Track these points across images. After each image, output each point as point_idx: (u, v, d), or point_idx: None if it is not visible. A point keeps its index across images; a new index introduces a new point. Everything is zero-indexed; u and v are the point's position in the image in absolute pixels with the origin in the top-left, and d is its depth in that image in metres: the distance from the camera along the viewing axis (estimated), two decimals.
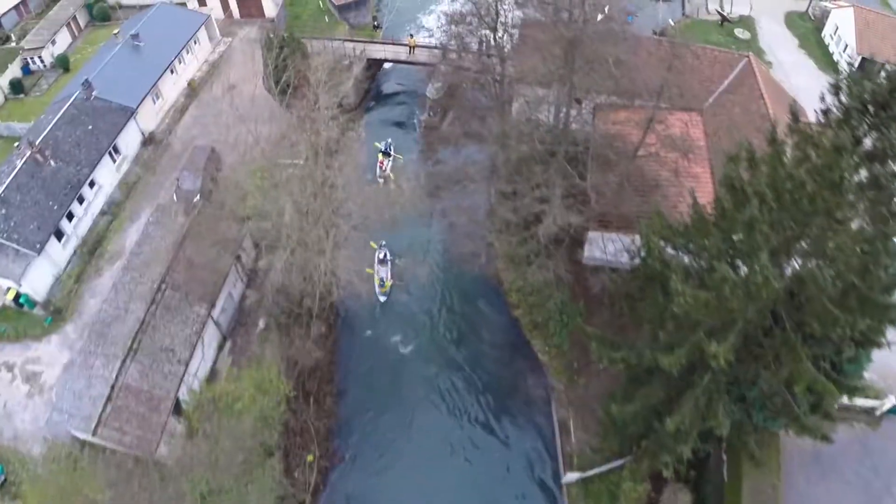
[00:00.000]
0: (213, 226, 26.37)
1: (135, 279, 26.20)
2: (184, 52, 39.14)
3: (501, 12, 25.98)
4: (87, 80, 34.14)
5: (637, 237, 25.57)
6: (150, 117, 36.33)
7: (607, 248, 25.30)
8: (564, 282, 21.63)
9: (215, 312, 25.82)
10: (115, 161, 33.80)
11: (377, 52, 40.11)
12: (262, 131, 35.14)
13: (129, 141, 34.76)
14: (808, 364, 17.48)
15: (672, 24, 45.03)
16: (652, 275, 19.14)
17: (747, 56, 30.69)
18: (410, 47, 40.37)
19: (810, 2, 47.20)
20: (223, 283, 25.89)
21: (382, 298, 30.84)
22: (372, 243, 32.89)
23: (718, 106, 29.97)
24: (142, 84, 35.91)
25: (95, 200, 32.49)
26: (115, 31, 38.16)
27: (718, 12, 44.64)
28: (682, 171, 25.40)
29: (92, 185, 32.17)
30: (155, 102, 36.89)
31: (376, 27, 45.14)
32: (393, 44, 41.39)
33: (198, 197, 30.79)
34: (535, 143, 19.37)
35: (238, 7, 45.15)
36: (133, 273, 26.44)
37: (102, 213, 32.78)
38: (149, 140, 35.82)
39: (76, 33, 47.23)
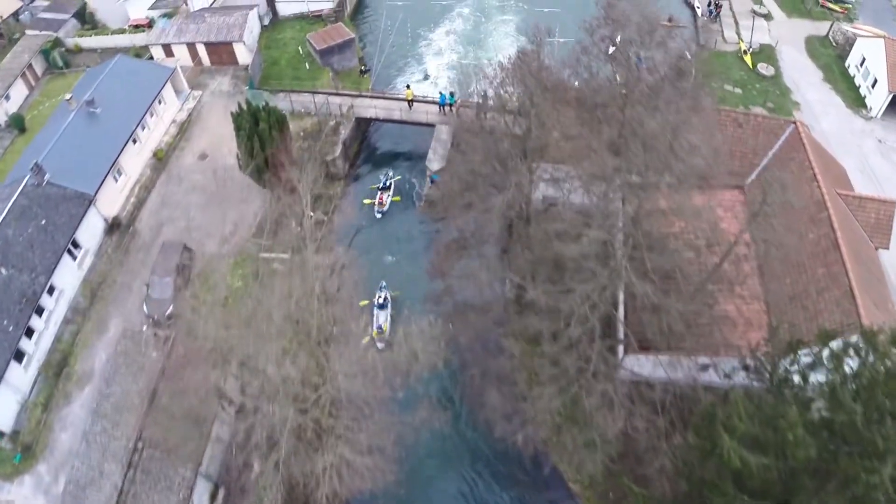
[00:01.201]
0: (190, 361, 22.62)
1: (106, 430, 22.60)
2: (147, 115, 34.64)
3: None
4: (37, 164, 29.74)
5: (682, 360, 22.61)
6: (112, 199, 32.00)
7: (646, 367, 22.22)
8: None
9: (203, 467, 22.31)
10: (75, 258, 29.63)
11: (367, 109, 35.77)
12: (240, 216, 31.28)
13: (90, 232, 30.52)
14: None
15: (689, 57, 41.27)
16: (723, 464, 16.06)
17: (794, 122, 27.27)
18: (408, 101, 36.22)
19: (831, 26, 43.79)
20: (210, 434, 22.32)
21: (380, 345, 28.06)
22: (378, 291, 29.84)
23: (763, 183, 26.63)
24: (100, 162, 31.49)
25: (57, 308, 28.42)
26: (68, 97, 33.45)
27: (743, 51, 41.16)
28: (729, 277, 22.10)
29: (51, 291, 28.10)
30: (117, 180, 32.51)
31: (364, 72, 40.61)
32: (385, 97, 36.99)
33: (170, 308, 26.97)
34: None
35: (208, 54, 40.42)
36: (104, 422, 22.83)
37: (66, 320, 28.73)
38: (113, 226, 31.59)
39: (32, 83, 42.41)
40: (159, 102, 35.87)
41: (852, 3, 46.91)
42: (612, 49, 45.88)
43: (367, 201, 34.07)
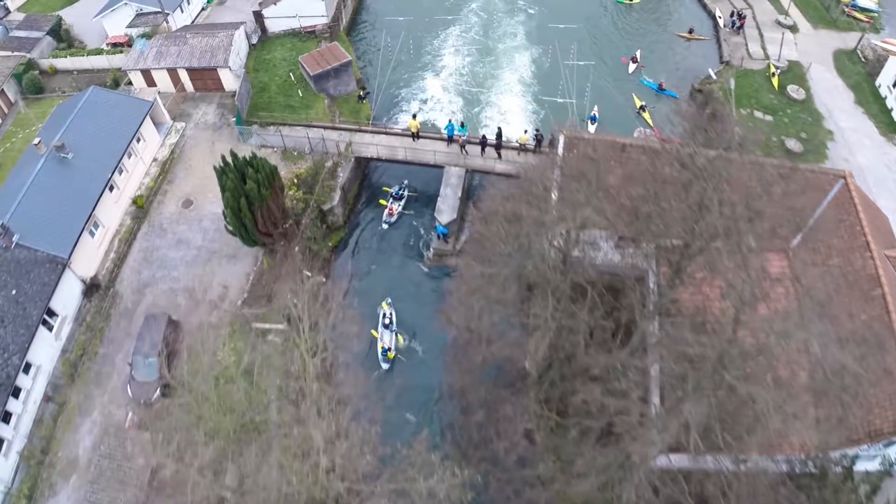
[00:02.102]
0: (183, 470, 20.30)
1: None
2: (125, 156, 31.57)
3: None
4: (2, 225, 26.89)
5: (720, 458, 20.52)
6: (88, 257, 29.20)
7: (679, 463, 20.12)
8: None
9: None
10: (51, 328, 27.01)
11: (367, 146, 32.67)
12: (230, 276, 28.60)
13: (67, 297, 27.80)
14: None
15: (714, 76, 38.38)
16: None
17: (843, 176, 24.68)
18: (414, 135, 33.04)
19: (860, 40, 40.79)
20: None
21: (385, 366, 27.00)
22: (384, 304, 28.61)
23: (810, 248, 24.15)
24: (74, 216, 28.55)
25: (35, 387, 25.93)
26: (36, 141, 30.31)
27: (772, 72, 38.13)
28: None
29: (27, 369, 25.59)
30: (93, 235, 29.65)
31: (363, 98, 37.41)
32: (387, 132, 33.85)
33: (157, 393, 24.55)
34: None
35: (191, 80, 37.14)
36: None
37: (46, 398, 26.27)
38: (91, 288, 28.86)
39: (5, 110, 39.07)
40: (137, 140, 32.78)
41: (878, 13, 43.90)
42: (633, 67, 42.37)
43: (382, 202, 32.66)
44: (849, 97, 37.76)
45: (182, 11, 42.65)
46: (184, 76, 37.11)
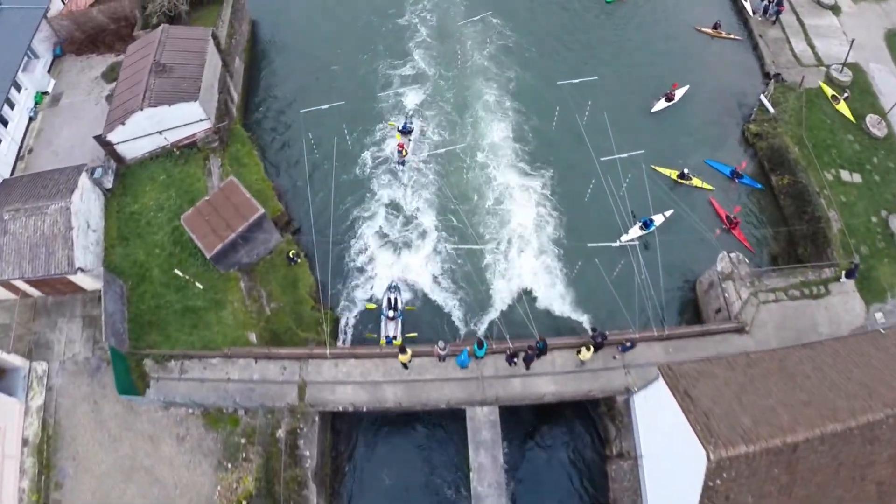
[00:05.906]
0: None
1: None
2: None
3: None
4: None
5: None
6: None
7: None
8: None
9: None
10: None
11: (331, 389, 20.71)
12: None
13: None
14: None
15: (770, 107, 28.34)
16: None
17: None
18: (404, 364, 21.56)
19: None
20: None
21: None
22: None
23: None
24: None
25: None
26: None
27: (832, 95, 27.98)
28: None
29: None
30: None
31: (293, 258, 25.78)
32: (357, 355, 21.86)
33: None
34: None
35: (33, 287, 24.83)
36: None
37: None
38: None
39: None
40: None
41: None
42: (661, 106, 29.65)
43: (369, 306, 25.13)
44: None
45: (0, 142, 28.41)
46: (22, 284, 24.84)
